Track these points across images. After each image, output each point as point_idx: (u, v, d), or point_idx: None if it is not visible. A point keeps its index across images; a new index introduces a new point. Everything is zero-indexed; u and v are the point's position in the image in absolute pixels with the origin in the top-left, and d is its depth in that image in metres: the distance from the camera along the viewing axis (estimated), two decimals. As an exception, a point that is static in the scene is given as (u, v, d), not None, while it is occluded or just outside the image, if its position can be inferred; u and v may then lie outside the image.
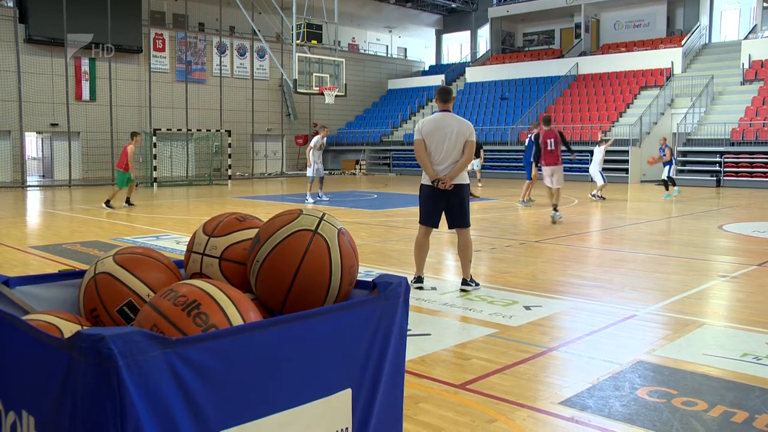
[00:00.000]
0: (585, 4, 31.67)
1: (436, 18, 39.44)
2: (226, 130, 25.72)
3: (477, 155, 19.30)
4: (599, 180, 15.88)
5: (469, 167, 17.57)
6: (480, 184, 18.74)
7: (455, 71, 36.37)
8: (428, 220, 6.18)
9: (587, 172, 19.59)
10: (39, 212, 14.25)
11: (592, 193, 16.28)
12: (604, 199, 15.83)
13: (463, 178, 6.09)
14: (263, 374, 1.51)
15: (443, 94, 6.17)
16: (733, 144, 22.41)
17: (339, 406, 1.68)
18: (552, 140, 11.66)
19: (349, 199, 16.35)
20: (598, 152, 16.20)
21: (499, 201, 15.75)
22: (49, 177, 25.76)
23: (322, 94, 23.39)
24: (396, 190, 19.89)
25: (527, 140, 15.17)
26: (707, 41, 29.82)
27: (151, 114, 26.43)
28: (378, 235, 9.95)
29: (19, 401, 1.57)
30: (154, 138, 22.88)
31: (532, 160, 13.65)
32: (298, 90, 23.18)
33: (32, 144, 28.26)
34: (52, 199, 17.38)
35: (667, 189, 16.57)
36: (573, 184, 21.94)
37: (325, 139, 15.46)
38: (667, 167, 16.59)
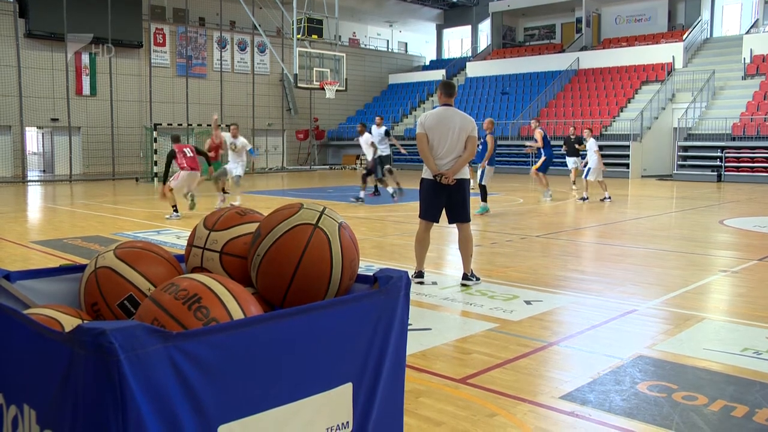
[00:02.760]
0: (586, -1, 31.62)
1: (437, 12, 39.36)
2: (227, 125, 25.65)
3: (576, 153, 15.87)
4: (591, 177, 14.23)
5: (572, 164, 15.98)
6: (575, 187, 16.03)
7: (456, 66, 36.31)
8: (429, 215, 6.17)
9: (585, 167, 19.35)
10: (40, 207, 14.26)
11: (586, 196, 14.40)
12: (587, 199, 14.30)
13: (464, 173, 6.08)
14: (264, 368, 1.51)
15: (447, 89, 6.14)
16: (734, 139, 22.38)
17: (340, 400, 1.68)
18: (188, 149, 11.87)
19: (349, 194, 16.35)
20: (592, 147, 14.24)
21: (500, 195, 15.73)
22: (49, 172, 25.76)
23: (323, 88, 23.38)
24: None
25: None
26: (708, 36, 29.74)
27: (151, 109, 26.40)
28: (378, 230, 9.95)
29: (21, 395, 1.57)
30: (154, 133, 22.86)
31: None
32: (298, 85, 23.17)
33: (33, 139, 28.24)
34: (53, 194, 17.38)
35: (484, 199, 12.04)
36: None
37: (237, 139, 13.41)
38: (480, 172, 12.17)
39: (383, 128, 14.51)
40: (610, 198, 14.29)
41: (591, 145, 14.24)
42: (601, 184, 14.32)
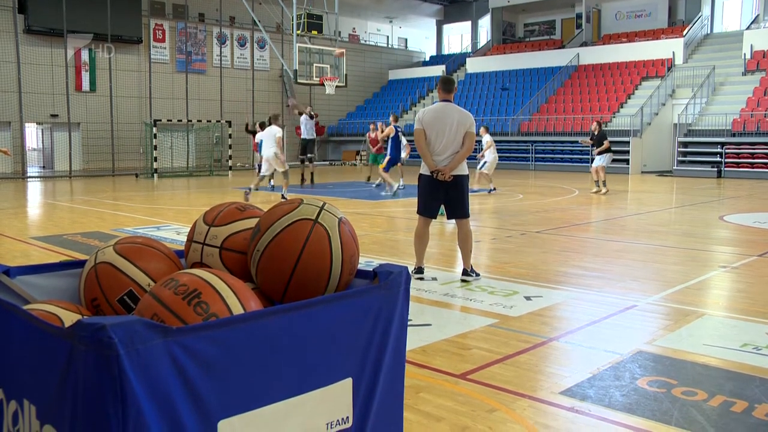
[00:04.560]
0: (586, -6, 31.58)
1: (437, 8, 39.28)
2: (226, 121, 25.67)
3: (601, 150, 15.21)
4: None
5: (601, 162, 15.37)
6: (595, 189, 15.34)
7: (456, 62, 36.26)
8: (427, 211, 6.17)
9: (587, 163, 19.29)
10: (40, 203, 14.25)
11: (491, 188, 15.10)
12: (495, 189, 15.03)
13: (463, 169, 6.07)
14: (264, 363, 1.51)
15: (446, 84, 6.12)
16: (734, 135, 22.36)
17: (340, 395, 1.68)
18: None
19: (349, 190, 16.35)
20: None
21: (500, 191, 15.73)
22: (49, 168, 25.74)
23: (323, 84, 23.33)
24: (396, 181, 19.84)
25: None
26: (709, 31, 29.70)
27: (151, 105, 26.37)
28: (378, 226, 9.94)
29: (21, 390, 1.57)
30: (154, 129, 22.85)
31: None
32: (298, 80, 23.12)
33: (32, 135, 28.21)
34: (53, 190, 17.37)
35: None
36: (573, 175, 21.91)
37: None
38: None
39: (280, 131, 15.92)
40: (495, 189, 15.21)
41: (487, 138, 15.35)
42: (486, 176, 15.09)
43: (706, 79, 25.02)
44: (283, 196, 12.93)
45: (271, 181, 15.43)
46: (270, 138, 13.22)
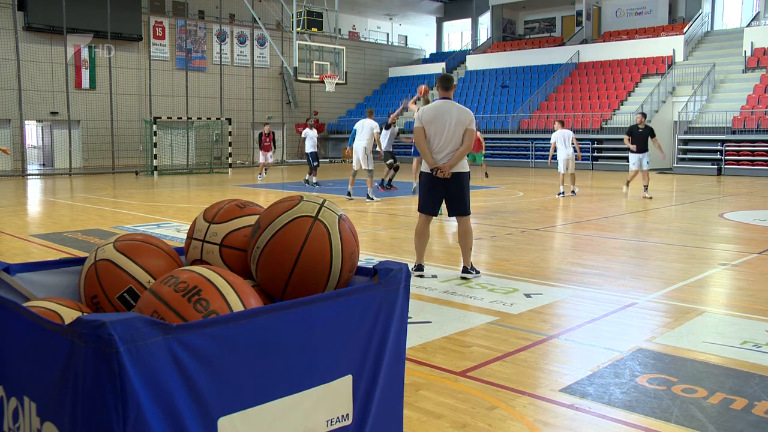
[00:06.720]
0: (586, -8, 31.54)
1: (437, 5, 39.25)
2: (226, 119, 25.66)
3: (646, 148, 13.69)
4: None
5: (634, 164, 13.85)
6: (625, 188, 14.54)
7: (456, 59, 36.25)
8: (427, 208, 6.18)
9: (587, 161, 19.25)
10: (40, 201, 14.25)
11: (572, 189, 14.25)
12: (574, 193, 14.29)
13: (463, 167, 6.07)
14: (264, 360, 1.51)
15: (444, 82, 6.15)
16: (734, 132, 22.35)
17: (340, 392, 1.69)
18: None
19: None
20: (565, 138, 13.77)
21: (500, 189, 15.73)
22: (49, 165, 25.72)
23: (323, 81, 23.33)
24: (396, 178, 19.86)
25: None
26: (709, 29, 29.67)
27: (151, 102, 26.35)
28: (378, 223, 9.94)
29: (21, 387, 1.57)
30: (154, 126, 22.84)
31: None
32: (298, 78, 23.12)
33: (32, 132, 28.20)
34: (53, 187, 17.37)
35: None
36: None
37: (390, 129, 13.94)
38: None
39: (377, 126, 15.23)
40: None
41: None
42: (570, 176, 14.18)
43: (706, 77, 25.00)
44: (368, 196, 12.76)
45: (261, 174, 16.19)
46: (364, 131, 12.71)
